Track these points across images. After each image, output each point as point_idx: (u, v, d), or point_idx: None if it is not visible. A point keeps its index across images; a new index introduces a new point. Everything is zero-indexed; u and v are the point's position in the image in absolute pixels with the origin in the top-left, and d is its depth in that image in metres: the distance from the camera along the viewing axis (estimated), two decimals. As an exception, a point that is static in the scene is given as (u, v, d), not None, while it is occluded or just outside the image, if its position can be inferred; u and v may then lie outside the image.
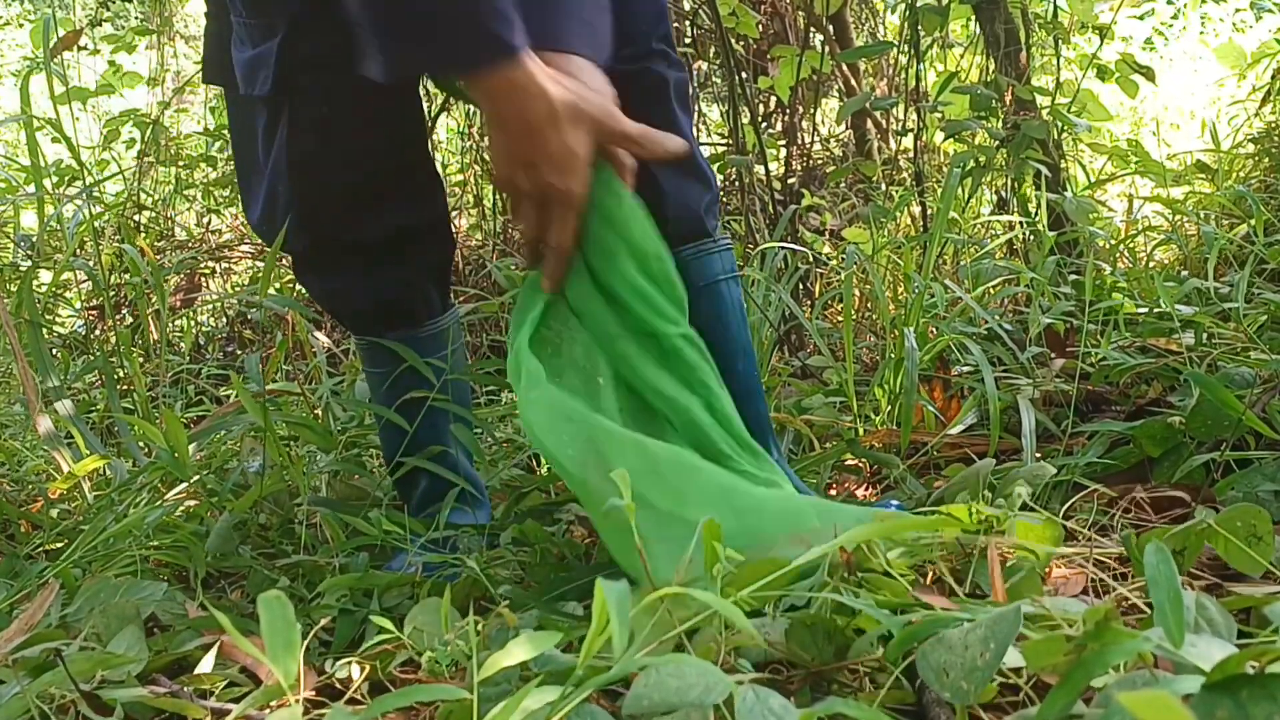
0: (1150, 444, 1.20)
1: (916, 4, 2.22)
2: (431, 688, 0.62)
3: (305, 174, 1.12)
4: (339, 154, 1.12)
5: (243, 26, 1.10)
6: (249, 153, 1.18)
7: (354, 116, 1.11)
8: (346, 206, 1.15)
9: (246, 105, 1.15)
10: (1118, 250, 2.28)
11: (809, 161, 2.89)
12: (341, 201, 1.15)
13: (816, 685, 0.71)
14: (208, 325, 2.82)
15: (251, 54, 1.09)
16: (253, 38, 1.09)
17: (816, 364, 1.76)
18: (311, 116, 1.10)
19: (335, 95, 1.09)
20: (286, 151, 1.11)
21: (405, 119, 1.17)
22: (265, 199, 1.16)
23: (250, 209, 1.20)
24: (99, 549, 1.14)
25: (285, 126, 1.11)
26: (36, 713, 0.74)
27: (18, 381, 1.64)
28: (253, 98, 1.10)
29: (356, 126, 1.11)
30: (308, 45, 1.06)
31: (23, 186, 2.70)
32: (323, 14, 1.03)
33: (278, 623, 0.60)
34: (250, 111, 1.15)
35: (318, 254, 1.20)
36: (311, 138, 1.11)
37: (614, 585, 0.57)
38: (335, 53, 1.04)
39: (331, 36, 1.04)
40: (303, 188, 1.13)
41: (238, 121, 1.20)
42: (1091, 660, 0.53)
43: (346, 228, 1.16)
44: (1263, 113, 2.89)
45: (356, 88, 1.05)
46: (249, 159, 1.18)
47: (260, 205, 1.17)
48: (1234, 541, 0.83)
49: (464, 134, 3.09)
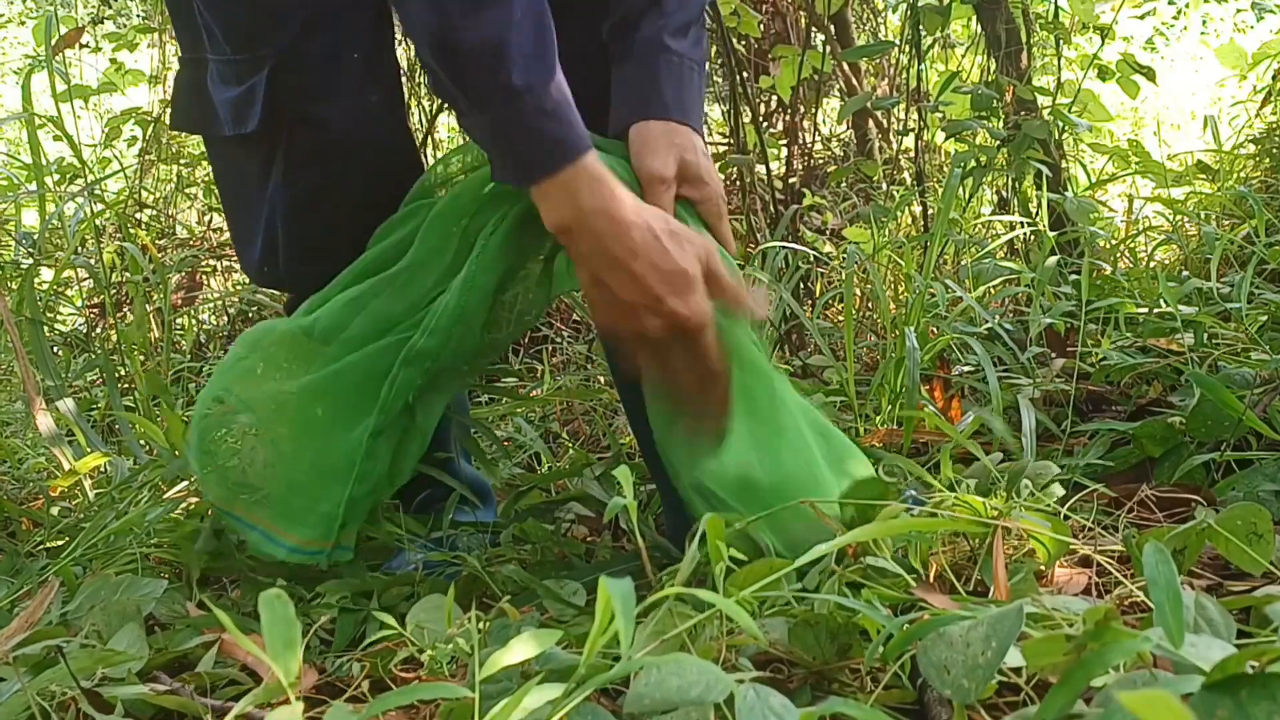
0: (1151, 444, 1.20)
1: (918, 4, 2.22)
2: (433, 686, 0.62)
3: (309, 207, 1.09)
4: (341, 183, 1.09)
5: (225, 64, 1.06)
6: (240, 195, 1.14)
7: (352, 143, 1.07)
8: (354, 234, 1.11)
9: (233, 147, 1.10)
10: (1118, 250, 2.28)
11: (810, 161, 2.89)
12: (349, 229, 1.11)
13: (817, 684, 0.71)
14: (209, 323, 2.82)
15: (237, 92, 1.05)
16: (238, 75, 1.05)
17: (817, 363, 1.76)
18: (309, 149, 1.06)
19: (330, 125, 1.05)
20: (287, 186, 1.08)
21: (400, 137, 1.15)
22: (264, 240, 1.11)
23: (245, 253, 1.16)
24: (100, 547, 1.14)
25: (281, 162, 1.07)
26: (37, 710, 0.74)
27: (19, 379, 1.64)
28: (242, 136, 1.06)
29: (355, 152, 1.08)
30: (297, 77, 1.03)
31: (24, 184, 2.70)
32: (311, 44, 1.02)
33: (278, 620, 0.60)
34: (238, 153, 1.10)
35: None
36: (312, 170, 1.07)
37: (618, 583, 0.57)
38: (325, 82, 1.03)
39: (320, 66, 1.03)
40: (307, 221, 1.09)
41: (223, 165, 1.16)
42: (1091, 660, 0.53)
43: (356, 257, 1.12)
44: (1263, 113, 2.89)
45: (350, 114, 1.04)
46: (241, 202, 1.14)
47: (259, 247, 1.12)
48: (1234, 541, 0.83)
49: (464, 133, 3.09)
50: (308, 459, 1.04)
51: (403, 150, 1.15)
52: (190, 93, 1.11)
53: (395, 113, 1.13)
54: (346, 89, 1.05)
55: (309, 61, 1.03)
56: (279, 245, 1.11)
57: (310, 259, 1.12)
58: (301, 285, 1.15)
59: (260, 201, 1.10)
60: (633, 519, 0.83)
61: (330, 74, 1.04)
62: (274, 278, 1.15)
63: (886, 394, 1.52)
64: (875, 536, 0.78)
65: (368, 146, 1.08)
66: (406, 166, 1.15)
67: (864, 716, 0.56)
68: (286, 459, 1.03)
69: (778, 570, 0.73)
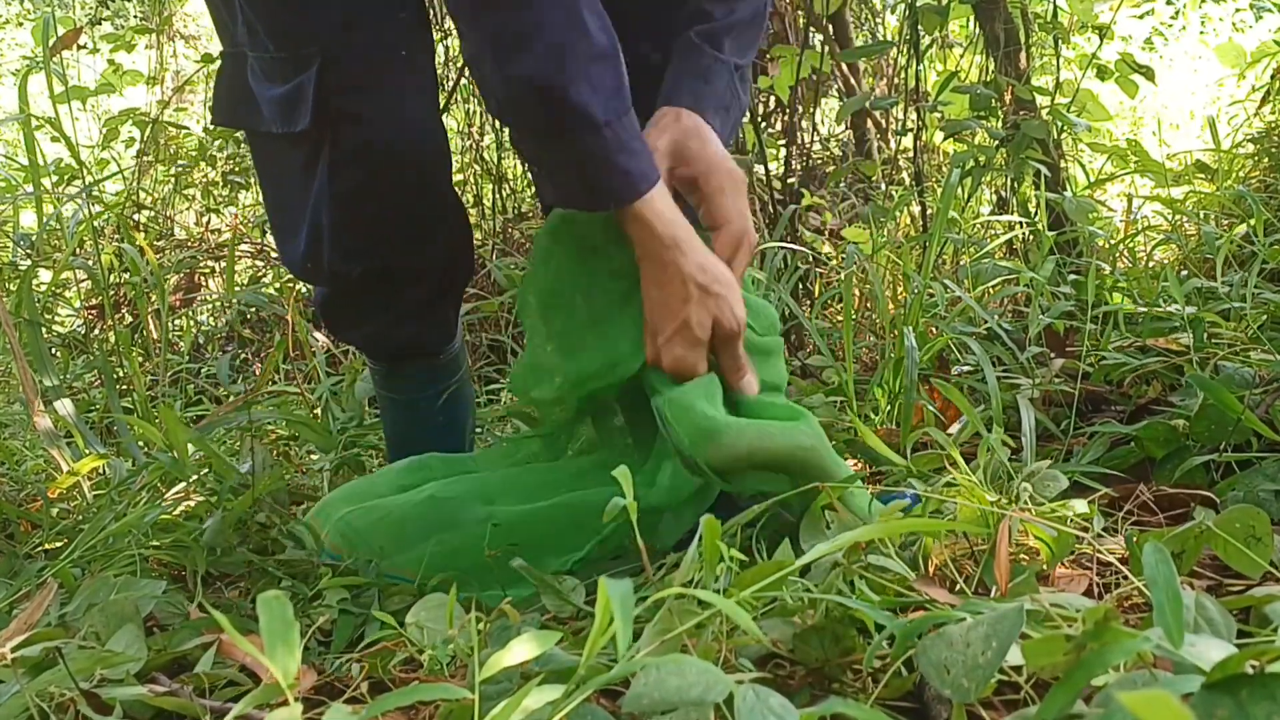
0: (1154, 445, 1.20)
1: (916, 4, 2.22)
2: (432, 687, 0.62)
3: (354, 205, 1.10)
4: (386, 181, 1.10)
5: (269, 62, 1.06)
6: (284, 191, 1.15)
7: (397, 141, 1.08)
8: (399, 231, 1.13)
9: (277, 143, 1.11)
10: (1117, 250, 2.28)
11: (809, 161, 2.89)
12: (395, 228, 1.13)
13: (818, 683, 0.71)
14: (207, 325, 2.82)
15: (284, 89, 1.05)
16: (282, 73, 1.05)
17: (816, 363, 1.76)
18: (354, 146, 1.07)
19: (376, 121, 1.06)
20: (331, 184, 1.08)
21: (442, 136, 1.16)
22: (309, 237, 1.12)
23: (288, 248, 1.17)
24: (98, 548, 1.14)
25: (327, 159, 1.07)
26: (36, 711, 0.74)
27: (17, 381, 1.64)
28: (291, 134, 1.07)
29: (400, 150, 1.09)
30: (342, 76, 1.04)
31: (22, 186, 2.69)
32: (356, 39, 1.03)
33: (276, 621, 0.59)
34: (282, 149, 1.11)
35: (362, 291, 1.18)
36: (356, 169, 1.08)
37: (617, 584, 0.57)
38: (370, 76, 1.04)
39: (364, 60, 1.03)
40: (352, 219, 1.10)
41: (266, 161, 1.16)
42: (1091, 660, 0.53)
43: (400, 254, 1.14)
44: (1262, 112, 2.89)
45: (396, 110, 1.06)
46: (284, 198, 1.15)
47: (304, 244, 1.13)
48: (1233, 542, 0.83)
49: (464, 133, 3.09)
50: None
51: (441, 151, 1.16)
52: (232, 88, 1.12)
53: (435, 114, 1.14)
54: (389, 89, 1.06)
55: (352, 60, 1.04)
56: (323, 242, 1.12)
57: (353, 256, 1.13)
58: (341, 283, 1.17)
59: (304, 198, 1.11)
60: (633, 518, 0.83)
61: (373, 73, 1.05)
62: (316, 273, 1.17)
63: (885, 394, 1.52)
64: (876, 536, 0.78)
65: (410, 145, 1.09)
66: (446, 167, 1.17)
67: (864, 716, 0.56)
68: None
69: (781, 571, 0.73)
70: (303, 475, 1.44)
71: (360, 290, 1.18)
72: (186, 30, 3.84)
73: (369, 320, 1.21)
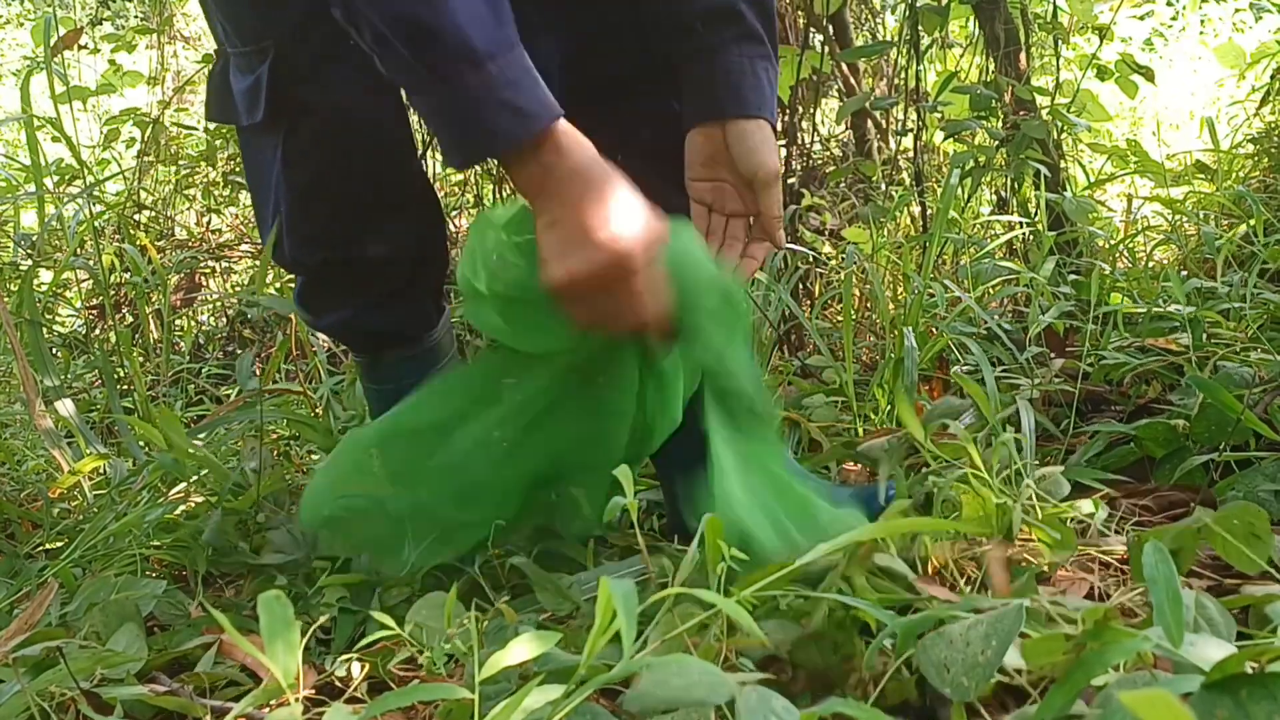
0: (1153, 445, 1.20)
1: (916, 4, 2.22)
2: (432, 687, 0.62)
3: (308, 194, 1.11)
4: (336, 170, 1.11)
5: (238, 56, 1.09)
6: (259, 182, 1.17)
7: (345, 131, 1.09)
8: (356, 221, 1.14)
9: (251, 135, 1.14)
10: (1117, 250, 2.28)
11: (809, 161, 2.89)
12: (352, 216, 1.13)
13: (819, 684, 0.71)
14: (208, 325, 2.81)
15: (248, 82, 1.08)
16: (250, 65, 1.08)
17: (816, 364, 1.76)
18: (310, 138, 1.09)
19: (329, 114, 1.07)
20: (289, 173, 1.10)
21: (399, 125, 1.15)
22: (277, 227, 1.15)
23: (264, 237, 1.19)
24: (99, 548, 1.14)
25: (284, 151, 1.09)
26: (36, 710, 0.74)
27: (18, 381, 1.64)
28: (255, 126, 1.09)
29: (356, 138, 1.10)
30: (294, 64, 1.05)
31: (23, 186, 2.70)
32: (311, 35, 1.03)
33: (277, 621, 0.60)
34: (255, 141, 1.14)
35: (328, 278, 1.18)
36: (312, 159, 1.10)
37: (619, 583, 0.57)
38: (324, 72, 1.05)
39: (320, 57, 1.04)
40: (306, 208, 1.12)
41: (249, 155, 1.19)
42: (1091, 660, 0.53)
43: (359, 243, 1.15)
44: (1262, 113, 2.89)
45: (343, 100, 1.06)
46: (259, 188, 1.17)
47: (275, 234, 1.16)
48: (1232, 541, 0.83)
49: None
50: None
51: (402, 140, 1.16)
52: (218, 85, 1.15)
53: (394, 103, 1.14)
54: (345, 79, 1.06)
55: (308, 52, 1.05)
56: (284, 227, 1.14)
57: (311, 245, 1.14)
58: (304, 271, 1.19)
59: (271, 188, 1.13)
60: (633, 518, 0.83)
61: (329, 64, 1.05)
62: (281, 262, 1.18)
63: (885, 394, 1.52)
64: (877, 536, 0.78)
65: (367, 136, 1.10)
66: (405, 157, 1.17)
67: (865, 717, 0.56)
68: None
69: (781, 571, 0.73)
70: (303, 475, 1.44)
71: (326, 278, 1.19)
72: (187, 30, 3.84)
73: (340, 308, 1.21)
